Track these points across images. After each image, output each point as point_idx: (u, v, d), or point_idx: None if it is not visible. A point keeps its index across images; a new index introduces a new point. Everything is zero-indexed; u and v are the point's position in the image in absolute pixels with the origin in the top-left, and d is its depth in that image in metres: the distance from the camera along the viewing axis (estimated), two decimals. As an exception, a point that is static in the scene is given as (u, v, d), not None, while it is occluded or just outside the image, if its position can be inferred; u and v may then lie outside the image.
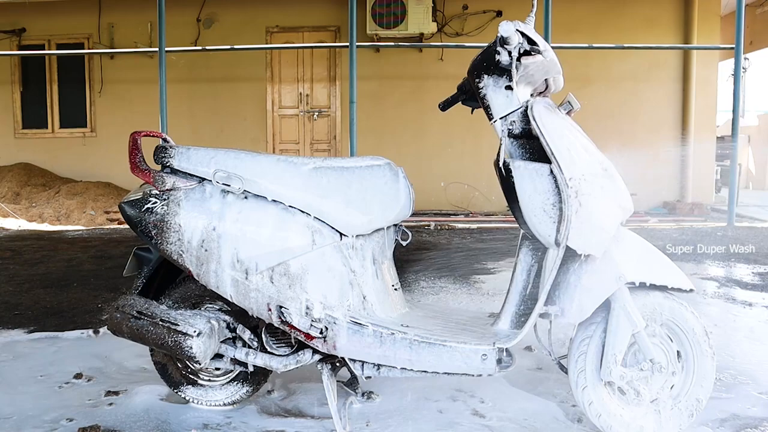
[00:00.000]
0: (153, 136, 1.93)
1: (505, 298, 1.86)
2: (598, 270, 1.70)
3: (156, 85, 6.36)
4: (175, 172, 1.84)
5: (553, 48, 1.80)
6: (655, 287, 1.74)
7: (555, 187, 1.70)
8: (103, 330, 2.81)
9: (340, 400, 1.88)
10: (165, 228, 1.78)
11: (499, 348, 1.71)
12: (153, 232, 1.79)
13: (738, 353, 2.55)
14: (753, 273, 4.13)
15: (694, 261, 4.51)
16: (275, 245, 1.75)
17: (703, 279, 3.95)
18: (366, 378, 1.83)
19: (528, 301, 1.83)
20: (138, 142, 1.83)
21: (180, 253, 1.78)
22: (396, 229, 2.01)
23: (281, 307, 1.75)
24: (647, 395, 1.75)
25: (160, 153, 1.85)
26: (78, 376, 2.29)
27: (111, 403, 2.05)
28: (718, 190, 8.68)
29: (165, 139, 1.92)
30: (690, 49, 7.40)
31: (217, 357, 1.89)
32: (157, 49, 6.41)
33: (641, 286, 1.73)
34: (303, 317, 1.75)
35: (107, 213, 6.98)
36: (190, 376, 2.03)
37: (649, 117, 7.53)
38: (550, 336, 1.93)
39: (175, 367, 2.02)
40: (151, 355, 2.04)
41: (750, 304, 3.35)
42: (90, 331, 2.83)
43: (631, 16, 7.48)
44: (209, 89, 7.89)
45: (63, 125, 8.13)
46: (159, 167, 1.87)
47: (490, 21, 7.56)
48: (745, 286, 3.77)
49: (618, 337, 1.72)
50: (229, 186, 1.78)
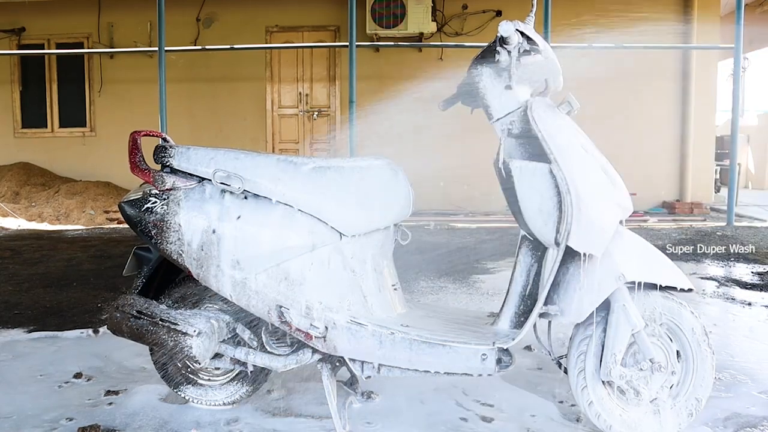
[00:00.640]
0: (153, 136, 1.93)
1: (505, 298, 1.86)
2: (598, 270, 1.70)
3: (156, 84, 6.36)
4: (174, 171, 1.83)
5: (552, 48, 1.80)
6: (654, 287, 1.74)
7: (554, 187, 1.70)
8: (103, 329, 2.81)
9: (340, 399, 1.88)
10: (165, 228, 1.78)
11: (499, 348, 1.71)
12: (153, 232, 1.79)
13: (737, 353, 2.55)
14: (752, 273, 4.13)
15: (694, 261, 4.51)
16: (275, 245, 1.75)
17: (702, 279, 3.95)
18: (366, 378, 1.83)
19: (528, 301, 1.83)
20: (138, 142, 1.83)
21: (180, 252, 1.78)
22: (396, 228, 2.01)
23: (281, 307, 1.75)
24: (647, 395, 1.75)
25: (159, 153, 1.85)
26: (78, 375, 2.29)
27: (111, 403, 2.05)
28: (717, 190, 8.68)
29: (165, 139, 1.92)
30: (690, 49, 7.40)
31: (216, 357, 1.90)
32: (156, 48, 6.41)
33: (641, 285, 1.73)
34: (303, 317, 1.75)
35: (107, 212, 6.98)
36: (190, 375, 2.03)
37: (648, 117, 7.53)
38: (549, 336, 1.93)
39: (175, 367, 2.02)
40: (150, 354, 2.04)
41: (749, 304, 3.35)
42: (90, 331, 2.83)
43: (631, 16, 7.47)
44: (209, 89, 7.88)
45: (62, 125, 8.13)
46: (159, 167, 1.87)
47: (489, 21, 7.56)
48: (744, 285, 3.77)
49: (617, 337, 1.72)
50: (228, 186, 1.77)
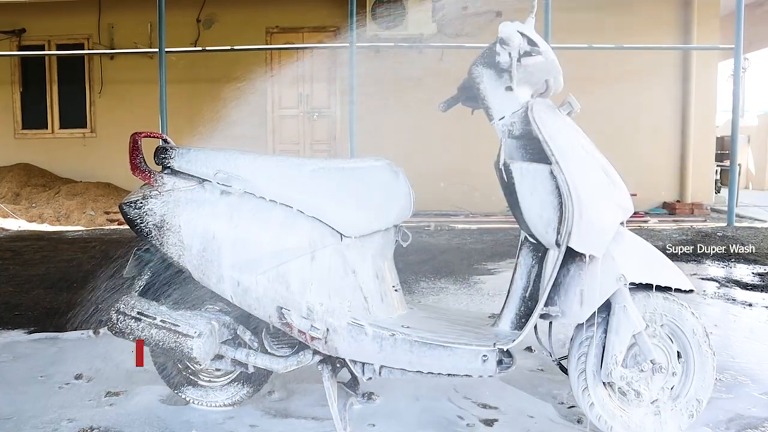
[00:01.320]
0: (153, 137, 1.93)
1: (506, 299, 1.86)
2: (599, 271, 1.70)
3: (156, 85, 6.36)
4: (175, 173, 1.83)
5: (553, 49, 1.80)
6: (655, 288, 1.74)
7: (555, 188, 1.70)
8: (103, 330, 2.81)
9: (341, 401, 1.88)
10: (165, 229, 1.77)
11: (500, 349, 1.71)
12: (153, 233, 1.78)
13: (738, 353, 2.55)
14: (753, 273, 4.13)
15: (694, 261, 4.51)
16: (276, 246, 1.75)
17: (703, 279, 3.95)
18: (367, 379, 1.83)
19: (528, 302, 1.83)
20: (138, 143, 1.83)
21: (180, 254, 1.77)
22: (396, 229, 2.01)
23: (282, 308, 1.75)
24: (647, 396, 1.75)
25: (160, 154, 1.85)
26: (78, 376, 2.29)
27: (111, 404, 2.05)
28: (717, 191, 8.68)
29: (165, 140, 1.92)
30: (690, 50, 7.39)
31: (217, 358, 1.89)
32: (157, 49, 6.41)
33: (641, 286, 1.73)
34: (303, 319, 1.75)
35: (107, 213, 6.98)
36: (191, 376, 2.03)
37: (648, 117, 7.52)
38: (550, 337, 1.93)
39: (175, 368, 2.02)
40: (151, 355, 2.04)
41: (750, 305, 3.35)
42: (90, 332, 2.83)
43: (631, 17, 7.47)
44: (209, 90, 7.87)
45: (63, 126, 8.13)
46: (159, 168, 1.87)
47: (489, 21, 7.55)
48: (745, 286, 3.77)
49: (618, 338, 1.72)
50: (229, 187, 1.77)
